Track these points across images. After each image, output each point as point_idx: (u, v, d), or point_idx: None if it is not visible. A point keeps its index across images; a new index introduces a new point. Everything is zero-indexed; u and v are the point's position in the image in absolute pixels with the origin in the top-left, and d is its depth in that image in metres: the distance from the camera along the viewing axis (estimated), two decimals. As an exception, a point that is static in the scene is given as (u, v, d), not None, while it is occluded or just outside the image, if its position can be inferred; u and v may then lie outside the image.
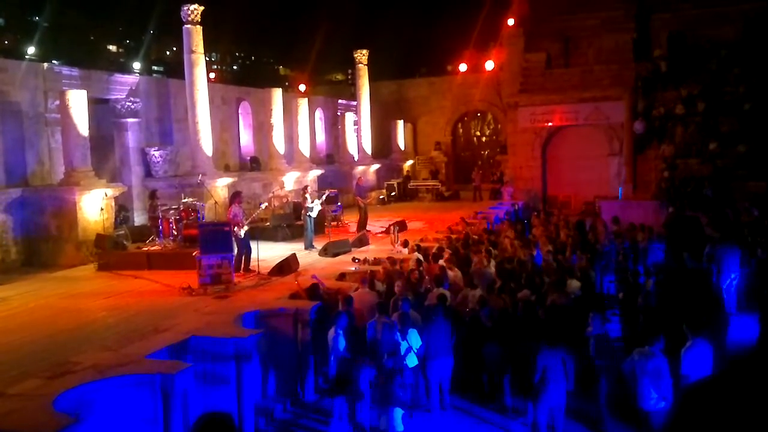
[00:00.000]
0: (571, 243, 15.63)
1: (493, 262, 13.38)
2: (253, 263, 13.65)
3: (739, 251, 13.30)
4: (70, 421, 6.04)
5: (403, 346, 8.98)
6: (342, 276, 12.92)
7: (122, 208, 18.72)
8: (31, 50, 35.32)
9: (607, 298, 13.41)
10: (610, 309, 12.61)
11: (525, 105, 27.18)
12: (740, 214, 17.86)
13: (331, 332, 9.01)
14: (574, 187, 26.34)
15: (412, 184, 30.60)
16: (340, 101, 33.35)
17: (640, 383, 7.59)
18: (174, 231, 15.38)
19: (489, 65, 31.60)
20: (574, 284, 11.63)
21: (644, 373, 7.57)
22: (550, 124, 26.86)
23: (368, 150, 29.96)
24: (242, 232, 13.51)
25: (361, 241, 16.83)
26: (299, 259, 14.01)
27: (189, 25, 19.01)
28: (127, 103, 19.55)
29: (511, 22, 28.97)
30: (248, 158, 24.94)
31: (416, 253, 14.08)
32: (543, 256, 14.23)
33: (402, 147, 33.17)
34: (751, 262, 13.44)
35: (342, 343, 8.87)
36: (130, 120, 19.73)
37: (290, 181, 23.68)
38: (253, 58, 52.58)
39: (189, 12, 18.89)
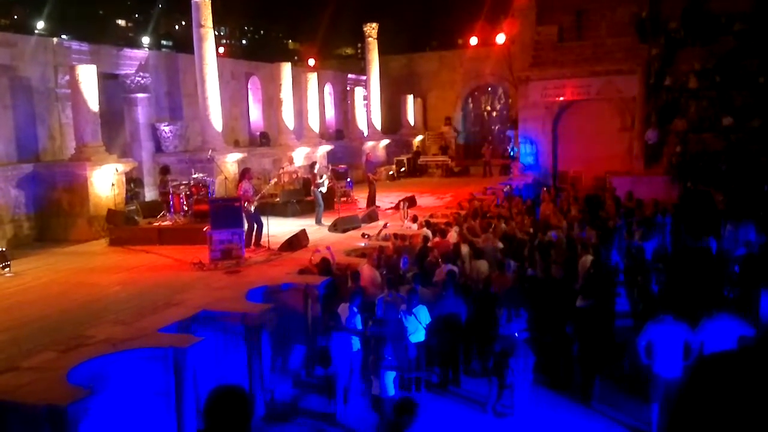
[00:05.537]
0: (581, 219, 15.56)
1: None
2: (263, 238, 13.72)
3: (754, 226, 13.25)
4: (83, 394, 6.12)
5: (411, 321, 9.00)
6: (353, 251, 12.97)
7: (137, 181, 18.79)
8: (40, 25, 35.19)
9: (617, 274, 13.39)
10: (619, 284, 12.59)
11: (536, 79, 26.85)
12: (753, 188, 17.71)
13: (343, 308, 8.96)
14: (585, 163, 26.07)
15: (422, 159, 30.46)
16: (349, 76, 33.10)
17: (656, 351, 7.78)
18: (185, 206, 15.44)
19: (500, 39, 31.15)
20: (589, 259, 11.61)
21: (660, 341, 7.75)
22: (561, 98, 26.55)
23: (378, 125, 29.83)
24: (252, 208, 13.58)
25: (371, 217, 16.84)
26: (309, 235, 14.06)
27: (198, -1, 18.87)
28: (137, 78, 19.52)
29: (522, -6, 28.55)
30: (258, 134, 24.91)
31: (425, 229, 14.07)
32: (555, 232, 14.19)
33: (412, 122, 32.97)
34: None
35: (359, 321, 8.90)
36: (140, 95, 19.74)
37: (300, 156, 23.64)
38: (263, 33, 52.13)
39: (197, -14, 18.73)
